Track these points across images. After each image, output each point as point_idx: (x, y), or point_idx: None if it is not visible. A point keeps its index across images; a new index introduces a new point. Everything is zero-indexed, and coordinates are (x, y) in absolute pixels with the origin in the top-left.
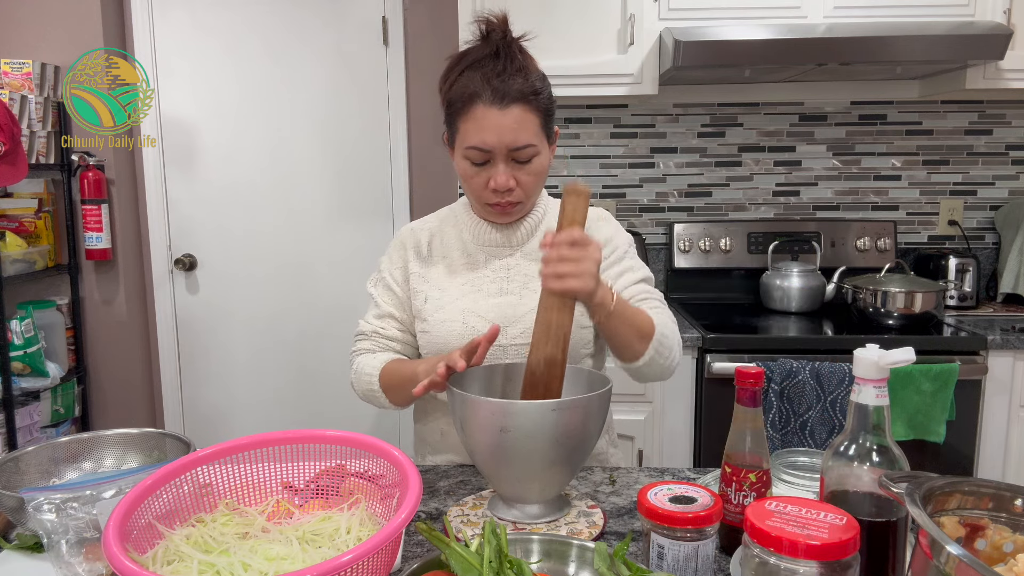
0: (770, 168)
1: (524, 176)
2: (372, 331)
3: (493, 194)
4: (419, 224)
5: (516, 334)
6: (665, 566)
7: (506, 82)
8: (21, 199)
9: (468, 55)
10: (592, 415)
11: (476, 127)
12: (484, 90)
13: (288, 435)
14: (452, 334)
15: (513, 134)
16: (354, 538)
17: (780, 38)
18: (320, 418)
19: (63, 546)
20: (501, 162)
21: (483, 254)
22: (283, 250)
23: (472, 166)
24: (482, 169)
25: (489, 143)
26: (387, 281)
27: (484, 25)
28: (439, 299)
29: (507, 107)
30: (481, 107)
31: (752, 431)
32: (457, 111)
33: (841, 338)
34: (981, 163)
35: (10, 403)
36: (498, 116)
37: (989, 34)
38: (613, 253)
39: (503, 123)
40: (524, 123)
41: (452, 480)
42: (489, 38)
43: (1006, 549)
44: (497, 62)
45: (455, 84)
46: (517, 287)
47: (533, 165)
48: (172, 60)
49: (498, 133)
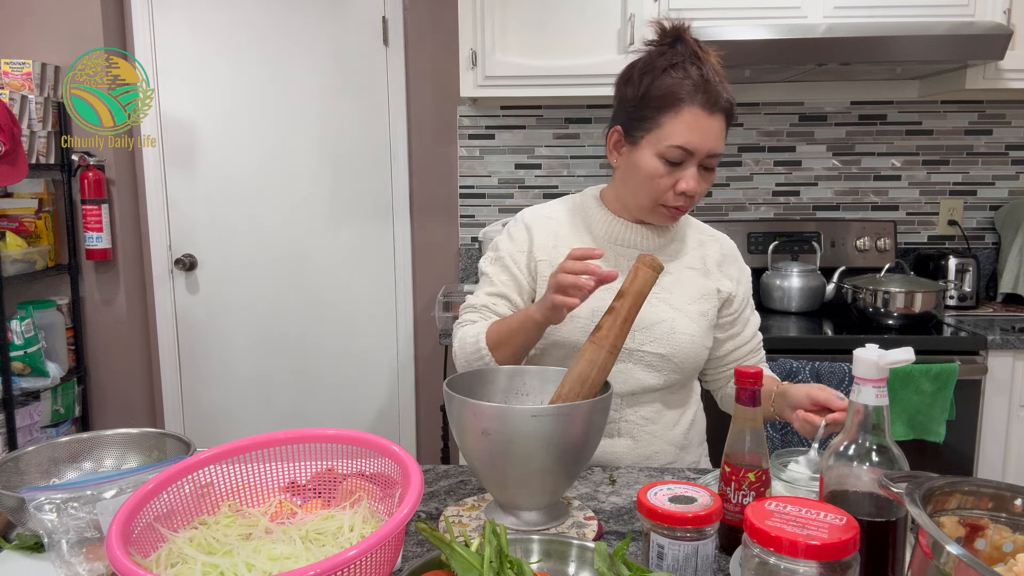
0: (770, 168)
1: (704, 184)
2: (482, 305)
3: (677, 196)
4: (545, 210)
5: (645, 340)
6: (665, 566)
7: (716, 89)
8: (21, 199)
9: (665, 55)
10: (578, 422)
11: (686, 128)
12: (699, 93)
13: (289, 435)
14: (581, 331)
15: (716, 141)
16: (357, 535)
17: (780, 38)
18: (320, 417)
19: (63, 546)
20: (694, 166)
21: (612, 253)
22: (283, 250)
23: (665, 165)
24: (674, 170)
25: (695, 145)
26: (506, 262)
27: (671, 29)
28: None
29: (715, 114)
30: (695, 109)
31: (752, 431)
32: (663, 108)
33: (841, 338)
34: (981, 163)
35: (10, 403)
36: (709, 121)
37: (989, 34)
38: (748, 294)
39: (712, 128)
40: (723, 133)
41: (452, 480)
42: (684, 42)
43: (1006, 549)
44: (703, 67)
45: (659, 79)
46: None
47: (712, 174)
48: (172, 60)
49: (705, 137)
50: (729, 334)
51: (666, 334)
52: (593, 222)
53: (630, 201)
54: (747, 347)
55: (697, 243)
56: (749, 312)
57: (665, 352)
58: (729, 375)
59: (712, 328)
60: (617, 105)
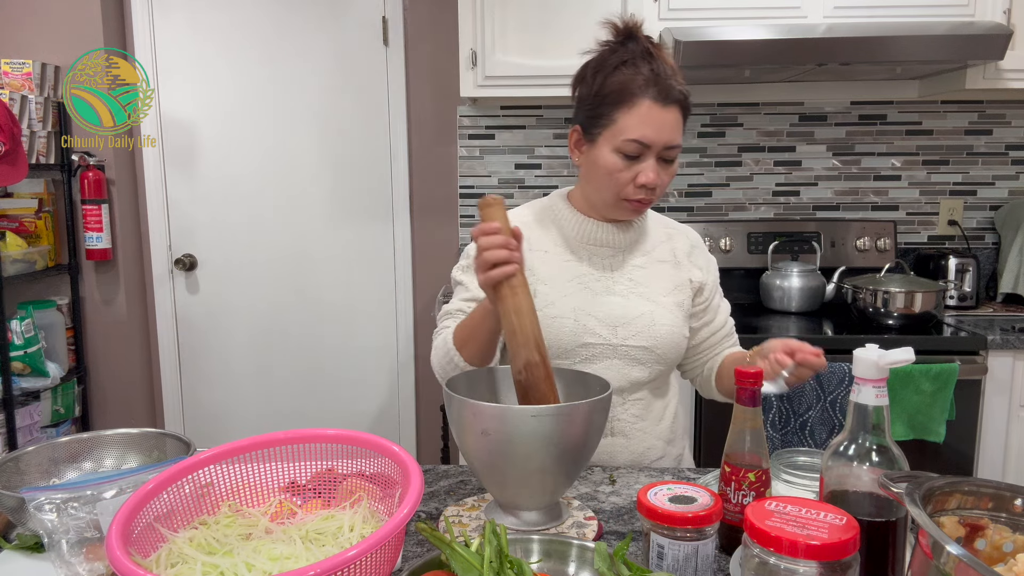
0: (770, 168)
1: (665, 176)
2: (458, 310)
3: (638, 190)
4: (514, 216)
5: (628, 335)
6: (665, 566)
7: (668, 82)
8: (21, 199)
9: (617, 52)
10: (578, 422)
11: (640, 121)
12: (651, 87)
13: (289, 435)
14: (564, 331)
15: (671, 132)
16: (357, 535)
17: (780, 38)
18: (320, 417)
19: (64, 546)
20: (652, 159)
21: (585, 252)
22: (283, 250)
23: (623, 159)
24: (632, 164)
25: (650, 138)
26: None
27: (624, 27)
28: (548, 295)
29: (669, 106)
30: (647, 102)
31: (751, 431)
32: (616, 103)
33: (841, 338)
34: (981, 163)
35: (10, 403)
36: (662, 113)
37: (989, 34)
38: (716, 282)
39: (666, 120)
40: (678, 125)
41: (452, 480)
42: (636, 40)
43: (1006, 549)
44: (653, 62)
45: (611, 76)
46: (624, 288)
47: (673, 166)
48: (172, 60)
49: (659, 130)
50: (703, 322)
51: (647, 327)
52: (563, 223)
53: (595, 198)
54: (720, 333)
55: (665, 237)
56: (719, 299)
57: (648, 344)
58: (704, 361)
59: (688, 318)
60: (575, 105)
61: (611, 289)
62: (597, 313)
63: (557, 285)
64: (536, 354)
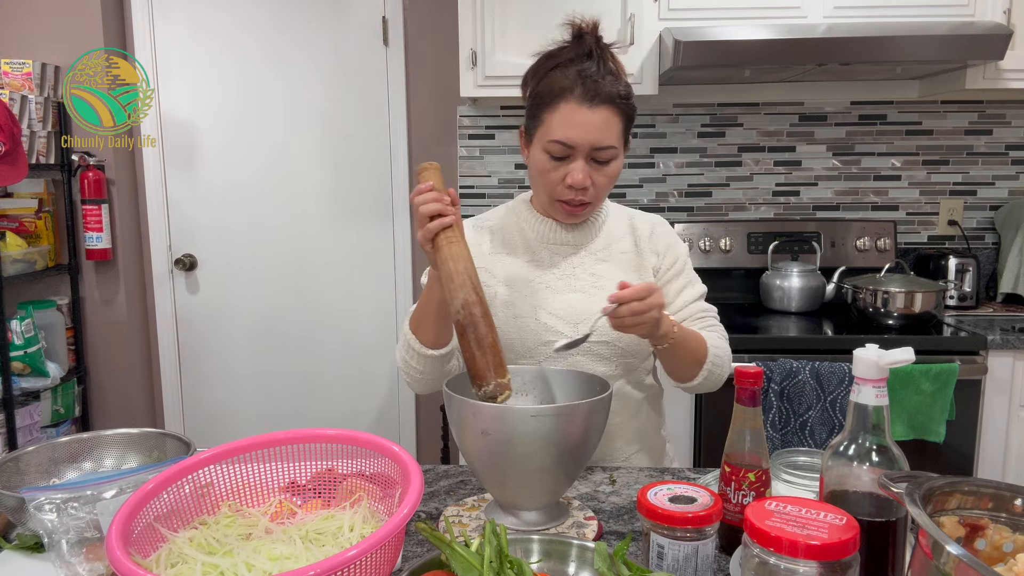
0: (770, 168)
1: (599, 177)
2: None
3: (568, 190)
4: (479, 221)
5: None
6: (665, 566)
7: (598, 83)
8: (21, 199)
9: (560, 53)
10: (579, 422)
11: (563, 122)
12: (576, 87)
13: (289, 435)
14: (525, 330)
15: (598, 134)
16: (357, 535)
17: (780, 38)
18: (320, 417)
19: (63, 546)
20: (581, 159)
21: (547, 252)
22: (283, 249)
23: (551, 160)
24: (560, 164)
25: (574, 139)
26: None
27: (576, 28)
28: (508, 296)
29: (596, 107)
30: (571, 103)
31: (751, 431)
32: (544, 104)
33: (841, 338)
34: (981, 163)
35: (10, 403)
36: (587, 114)
37: (989, 34)
38: (673, 266)
39: (590, 121)
40: (609, 125)
41: (452, 480)
42: (583, 40)
43: (1006, 549)
44: (590, 63)
45: (545, 78)
46: (584, 285)
47: (610, 168)
48: (172, 60)
49: (584, 131)
50: None
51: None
52: (524, 225)
53: (538, 198)
54: (681, 315)
55: (628, 228)
56: (681, 283)
57: (609, 339)
58: None
59: None
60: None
61: (572, 286)
62: (558, 311)
63: (518, 286)
64: (473, 293)
